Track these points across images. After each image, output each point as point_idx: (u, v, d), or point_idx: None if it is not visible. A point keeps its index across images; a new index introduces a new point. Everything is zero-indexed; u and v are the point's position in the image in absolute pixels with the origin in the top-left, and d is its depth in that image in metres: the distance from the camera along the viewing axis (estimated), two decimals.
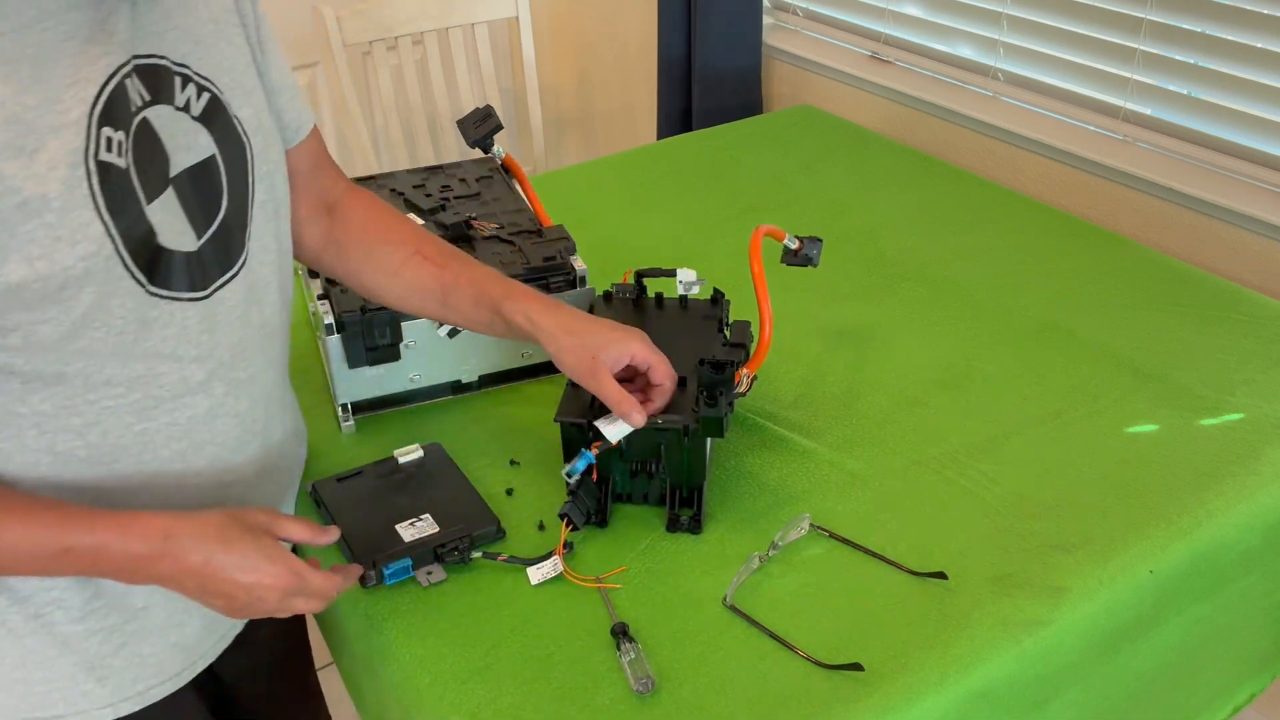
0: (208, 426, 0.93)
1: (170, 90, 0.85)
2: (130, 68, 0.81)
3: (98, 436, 0.86)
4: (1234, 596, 1.20)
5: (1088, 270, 1.58)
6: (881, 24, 2.19)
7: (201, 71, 0.88)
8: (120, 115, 0.80)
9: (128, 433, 0.88)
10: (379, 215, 1.12)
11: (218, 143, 0.89)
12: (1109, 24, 1.77)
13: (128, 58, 0.81)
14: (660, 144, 2.06)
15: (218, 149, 0.89)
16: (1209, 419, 1.28)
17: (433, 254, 1.11)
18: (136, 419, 0.88)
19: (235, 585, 0.87)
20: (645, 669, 0.97)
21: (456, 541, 1.10)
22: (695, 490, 1.15)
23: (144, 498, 0.91)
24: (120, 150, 0.81)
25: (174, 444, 0.91)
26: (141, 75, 0.82)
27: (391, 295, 1.11)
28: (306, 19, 2.69)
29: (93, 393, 0.84)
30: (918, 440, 1.26)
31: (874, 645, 1.00)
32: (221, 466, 0.96)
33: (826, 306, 1.51)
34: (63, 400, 0.84)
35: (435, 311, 1.12)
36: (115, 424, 0.87)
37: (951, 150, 2.04)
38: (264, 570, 0.88)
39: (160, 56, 0.84)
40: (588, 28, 2.91)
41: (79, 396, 0.84)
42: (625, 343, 1.07)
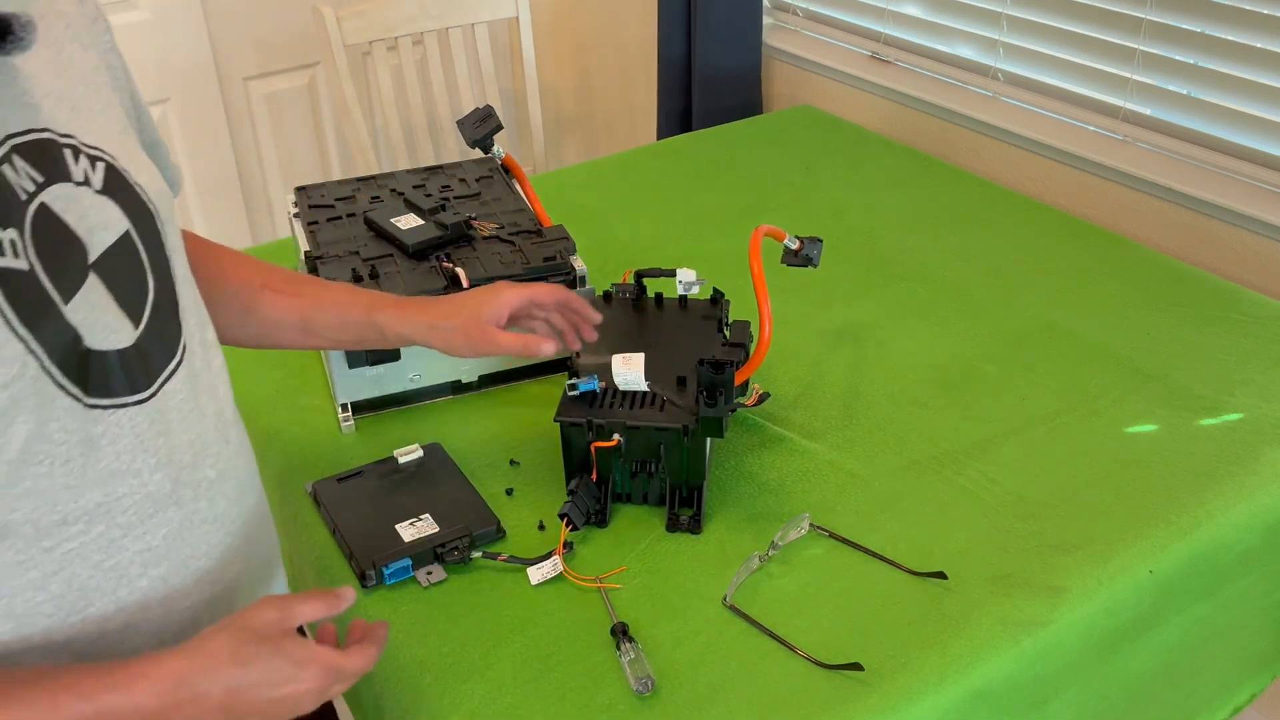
0: (186, 541, 0.82)
1: (63, 165, 0.74)
2: (7, 149, 0.70)
3: (61, 586, 0.75)
4: (1233, 596, 1.20)
5: (1088, 270, 1.58)
6: (881, 24, 2.19)
7: (88, 141, 0.77)
8: (8, 210, 0.69)
9: (97, 572, 0.77)
10: (214, 259, 1.02)
11: (128, 216, 0.78)
12: (1109, 24, 1.77)
13: (2, 137, 0.70)
14: (660, 144, 2.06)
15: (130, 223, 0.78)
16: (1208, 419, 1.28)
17: (281, 285, 1.05)
18: (105, 555, 0.77)
19: (269, 703, 0.77)
20: (645, 669, 0.97)
21: (456, 541, 1.10)
22: (695, 490, 1.15)
23: (131, 638, 0.81)
24: (16, 250, 0.69)
25: (152, 570, 0.80)
26: (24, 155, 0.71)
27: (248, 335, 1.04)
28: (306, 19, 2.69)
29: (47, 539, 0.74)
30: (918, 440, 1.26)
31: (874, 645, 1.00)
32: (210, 580, 0.86)
33: (826, 306, 1.51)
34: (12, 556, 0.72)
35: (298, 340, 1.07)
36: (81, 567, 0.76)
37: (951, 150, 2.04)
38: (295, 679, 0.78)
39: (40, 130, 0.73)
40: (588, 28, 2.91)
41: (32, 545, 0.73)
42: (497, 297, 1.08)
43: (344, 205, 1.44)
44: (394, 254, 1.33)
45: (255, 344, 1.07)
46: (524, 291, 1.09)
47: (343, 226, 1.39)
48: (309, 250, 1.34)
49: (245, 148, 2.77)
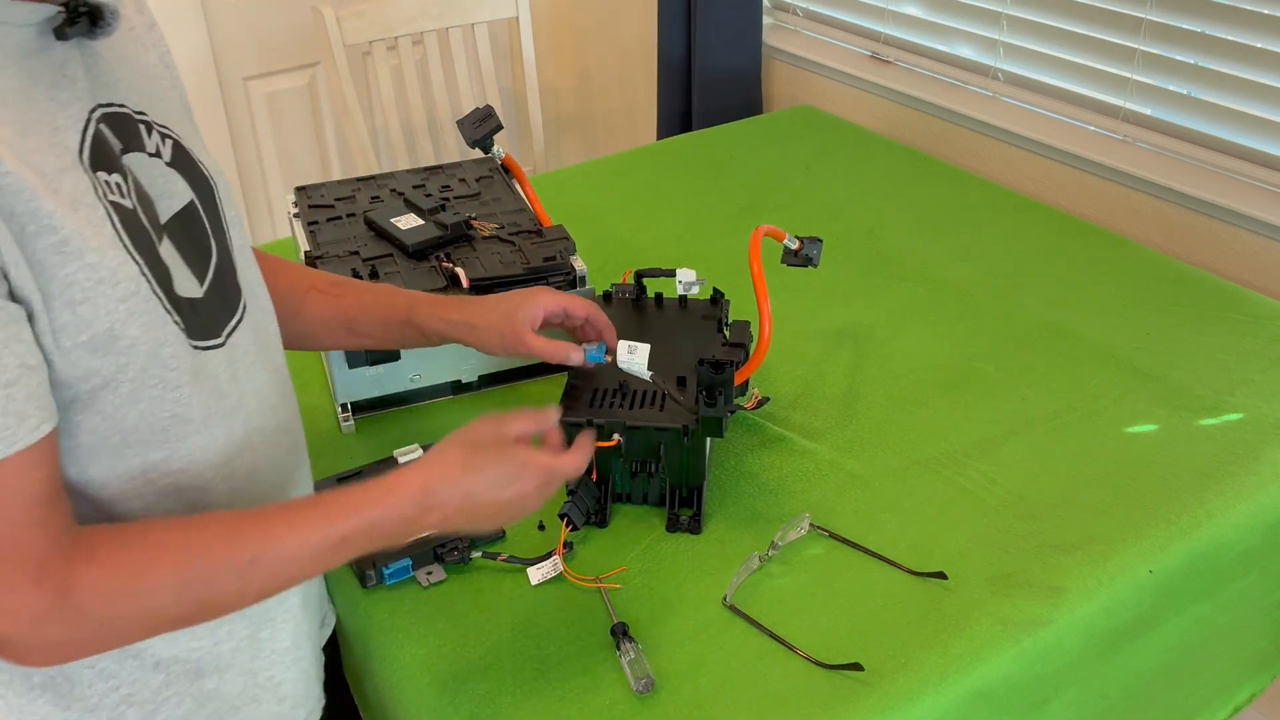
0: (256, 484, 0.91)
1: (139, 137, 0.83)
2: (99, 114, 0.79)
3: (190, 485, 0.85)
4: (1233, 596, 1.20)
5: (1088, 270, 1.58)
6: (881, 24, 2.19)
7: (157, 120, 0.86)
8: (109, 159, 0.78)
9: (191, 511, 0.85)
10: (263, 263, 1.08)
11: (192, 188, 0.87)
12: (1109, 24, 1.77)
13: (94, 105, 0.79)
14: (660, 144, 2.06)
15: (194, 195, 0.87)
16: (1208, 419, 1.28)
17: (327, 286, 1.11)
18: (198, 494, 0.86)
19: (499, 504, 0.89)
20: (645, 669, 0.97)
21: (456, 541, 1.10)
22: (695, 490, 1.15)
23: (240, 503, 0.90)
24: (123, 192, 0.79)
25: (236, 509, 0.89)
26: (110, 123, 0.80)
27: (293, 336, 1.10)
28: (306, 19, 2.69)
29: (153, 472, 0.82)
30: (918, 440, 1.26)
31: (874, 645, 1.00)
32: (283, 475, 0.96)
33: (826, 306, 1.51)
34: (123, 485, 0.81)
35: (343, 340, 1.13)
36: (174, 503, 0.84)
37: (951, 150, 2.04)
38: (520, 479, 0.90)
39: (120, 105, 0.82)
40: (588, 28, 2.91)
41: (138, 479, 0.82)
42: (533, 300, 1.11)
43: (344, 205, 1.44)
44: (394, 254, 1.33)
45: (299, 345, 1.12)
46: (560, 298, 1.12)
47: (343, 226, 1.39)
48: (309, 250, 1.34)
49: (245, 148, 2.77)
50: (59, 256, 0.72)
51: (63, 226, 0.72)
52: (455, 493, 0.87)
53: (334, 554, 0.83)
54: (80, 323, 0.74)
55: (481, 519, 0.90)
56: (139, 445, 0.80)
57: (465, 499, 0.88)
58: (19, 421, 0.70)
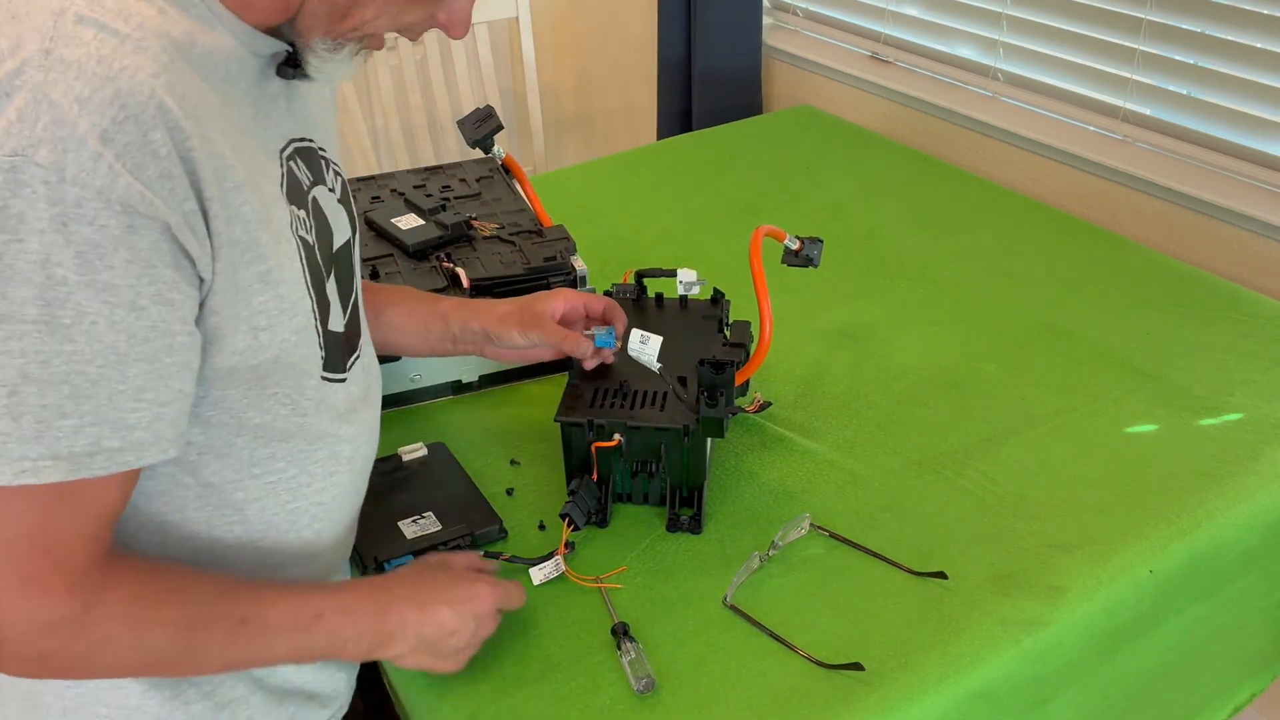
0: (341, 503, 0.95)
1: (321, 172, 0.88)
2: (293, 149, 0.83)
3: (255, 513, 0.87)
4: (1233, 596, 1.20)
5: (1088, 270, 1.58)
6: (881, 24, 2.19)
7: (332, 157, 0.91)
8: (299, 193, 0.83)
9: (281, 511, 0.89)
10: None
11: (350, 225, 0.93)
12: (1109, 24, 1.77)
13: (289, 139, 0.83)
14: (660, 144, 2.06)
15: (351, 231, 0.93)
16: (1208, 419, 1.28)
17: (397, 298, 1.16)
18: (291, 497, 0.89)
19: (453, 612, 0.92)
20: (645, 669, 0.97)
21: (458, 540, 1.10)
22: (695, 490, 1.15)
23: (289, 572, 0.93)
24: (307, 228, 0.83)
25: (316, 524, 0.93)
26: (301, 157, 0.85)
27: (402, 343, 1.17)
28: None
29: (257, 466, 0.85)
30: (918, 440, 1.26)
31: (874, 645, 1.00)
32: (339, 544, 0.99)
33: (826, 306, 1.51)
34: (230, 474, 0.84)
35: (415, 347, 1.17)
36: (272, 501, 0.87)
37: (951, 150, 2.04)
38: (471, 587, 0.94)
39: (309, 140, 0.87)
40: (588, 28, 2.91)
41: (244, 470, 0.84)
42: (553, 295, 1.15)
43: None
44: (394, 254, 1.33)
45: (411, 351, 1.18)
46: (579, 296, 1.17)
47: None
48: None
49: None
50: (260, 285, 0.76)
51: (270, 257, 0.76)
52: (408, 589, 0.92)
53: (308, 633, 0.85)
54: (257, 348, 0.78)
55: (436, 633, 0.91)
56: (249, 438, 0.83)
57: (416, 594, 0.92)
58: (155, 440, 0.73)
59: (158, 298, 0.70)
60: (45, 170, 0.64)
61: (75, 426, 0.69)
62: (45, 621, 0.74)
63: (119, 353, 0.69)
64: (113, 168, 0.65)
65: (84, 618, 0.75)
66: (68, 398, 0.68)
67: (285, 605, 0.84)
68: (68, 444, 0.69)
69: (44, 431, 0.68)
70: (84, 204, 0.65)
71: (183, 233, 0.70)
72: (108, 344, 0.69)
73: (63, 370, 0.68)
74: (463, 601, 0.93)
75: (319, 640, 0.86)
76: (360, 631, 0.88)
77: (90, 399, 0.69)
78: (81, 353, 0.68)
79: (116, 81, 0.66)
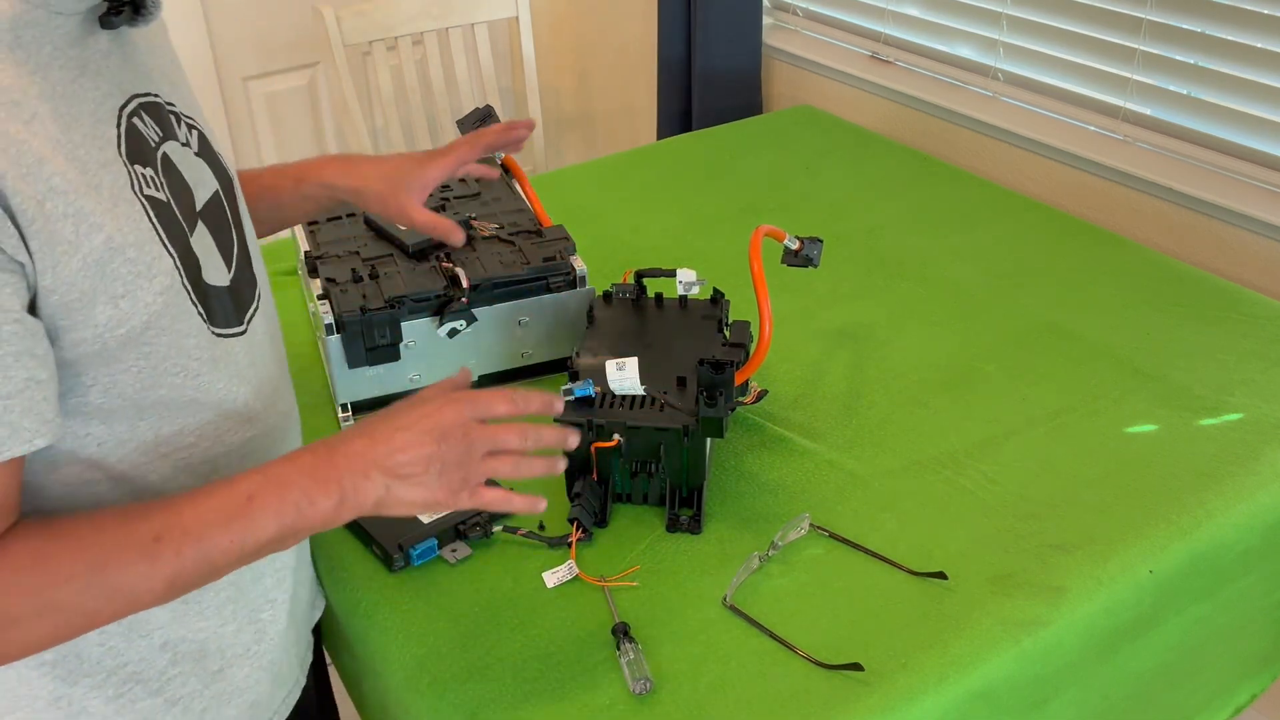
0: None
1: (171, 127, 0.84)
2: (135, 105, 0.80)
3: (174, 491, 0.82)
4: (1233, 596, 1.20)
5: (1088, 270, 1.58)
6: (881, 24, 2.19)
7: (183, 110, 0.87)
8: (144, 151, 0.79)
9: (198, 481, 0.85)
10: None
11: (216, 178, 0.89)
12: (1109, 24, 1.77)
13: (129, 96, 0.80)
14: (660, 144, 2.06)
15: (218, 184, 0.89)
16: (1208, 419, 1.28)
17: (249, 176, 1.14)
18: (211, 469, 0.86)
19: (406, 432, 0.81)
20: (644, 670, 0.97)
21: (476, 517, 1.11)
22: (695, 490, 1.15)
23: None
24: (157, 185, 0.79)
25: None
26: (147, 112, 0.81)
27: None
28: (306, 19, 2.69)
29: (165, 446, 0.82)
30: (918, 440, 1.26)
31: (874, 645, 1.00)
32: None
33: (826, 306, 1.51)
34: (138, 458, 0.81)
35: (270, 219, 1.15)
36: (188, 479, 0.84)
37: (951, 150, 2.04)
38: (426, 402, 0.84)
39: (154, 95, 0.83)
40: (588, 28, 2.91)
41: (152, 452, 0.82)
42: (422, 171, 1.15)
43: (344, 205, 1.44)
44: (394, 254, 1.33)
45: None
46: (447, 168, 1.17)
47: (343, 226, 1.39)
48: (309, 250, 1.34)
49: (245, 148, 2.77)
50: (106, 252, 0.73)
51: (106, 223, 0.73)
52: (356, 434, 0.82)
53: (246, 518, 0.77)
54: (121, 316, 0.75)
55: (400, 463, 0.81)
56: (152, 419, 0.81)
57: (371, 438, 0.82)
58: (11, 434, 0.70)
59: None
60: None
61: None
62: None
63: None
64: None
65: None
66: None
67: (206, 503, 0.77)
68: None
69: None
70: None
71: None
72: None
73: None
74: (418, 419, 0.83)
75: (263, 522, 0.77)
76: (307, 490, 0.79)
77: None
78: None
79: None
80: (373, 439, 0.82)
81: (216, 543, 0.77)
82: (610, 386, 1.10)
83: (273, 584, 0.96)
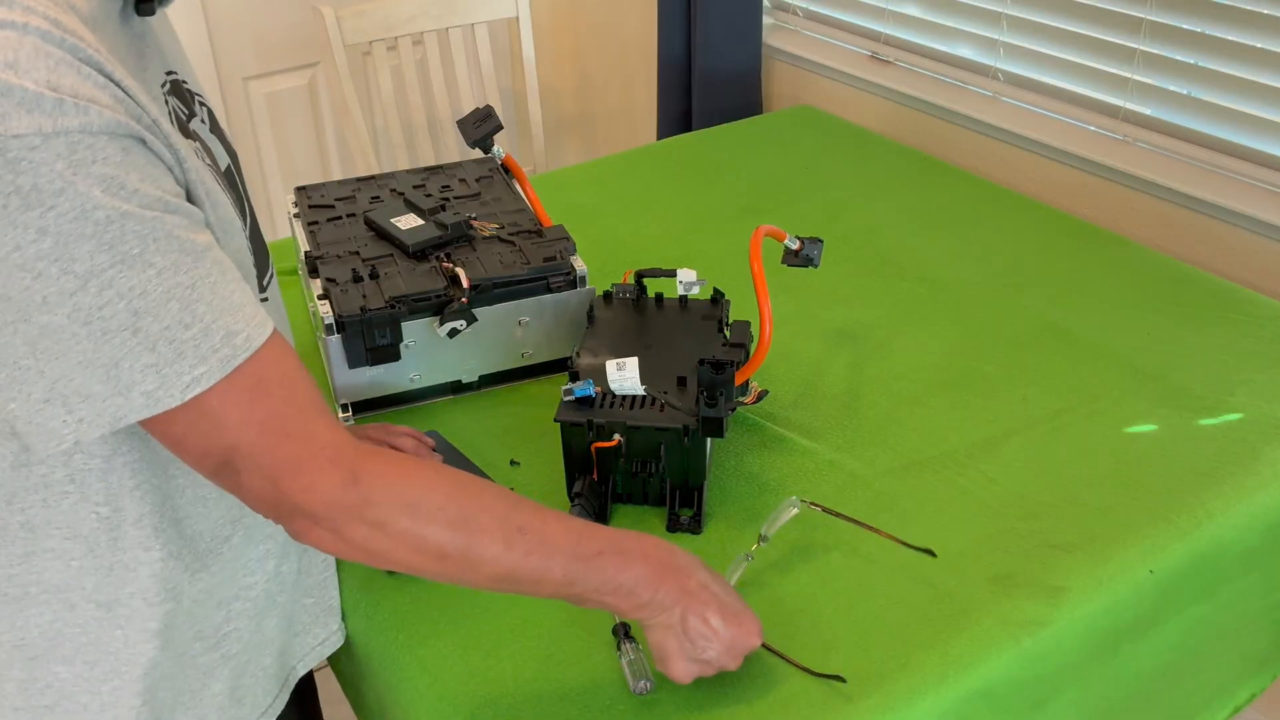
0: None
1: (192, 104, 0.88)
2: (169, 84, 0.84)
3: None
4: (1234, 597, 1.20)
5: (1088, 270, 1.58)
6: (881, 24, 2.19)
7: (194, 89, 0.91)
8: (183, 126, 0.83)
9: None
10: None
11: (227, 153, 0.92)
12: (1109, 24, 1.77)
13: (164, 73, 0.83)
14: (660, 144, 2.06)
15: (230, 158, 0.93)
16: (1208, 419, 1.28)
17: None
18: None
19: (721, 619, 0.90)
20: (645, 670, 0.97)
21: None
22: (695, 490, 1.15)
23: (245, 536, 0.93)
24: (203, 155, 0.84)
25: None
26: (175, 91, 0.85)
27: None
28: (306, 19, 2.69)
29: None
30: (918, 440, 1.26)
31: (874, 645, 1.00)
32: None
33: (826, 306, 1.51)
34: None
35: None
36: None
37: (951, 150, 2.04)
38: (746, 612, 0.92)
39: (177, 74, 0.87)
40: (588, 28, 2.91)
41: None
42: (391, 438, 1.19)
43: (344, 205, 1.44)
44: (394, 254, 1.33)
45: None
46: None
47: (343, 226, 1.39)
48: (309, 250, 1.34)
49: (245, 148, 2.77)
50: (208, 202, 0.78)
51: (200, 181, 0.77)
52: (694, 565, 0.91)
53: (587, 565, 0.85)
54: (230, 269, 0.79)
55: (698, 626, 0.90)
56: None
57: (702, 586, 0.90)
58: (256, 310, 0.76)
59: (176, 193, 0.73)
60: (26, 138, 0.65)
61: (202, 330, 0.72)
62: (328, 496, 0.77)
63: (191, 252, 0.72)
64: (78, 105, 0.66)
65: (357, 490, 0.77)
66: (180, 311, 0.71)
67: (567, 528, 0.84)
68: (208, 345, 0.72)
69: (181, 348, 0.71)
70: (77, 147, 0.66)
71: (155, 145, 0.72)
72: (178, 249, 0.71)
73: (160, 291, 0.70)
74: (734, 616, 0.91)
75: (594, 576, 0.85)
76: (635, 579, 0.87)
77: (197, 302, 0.72)
78: (166, 268, 0.70)
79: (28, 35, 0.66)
80: (694, 597, 0.90)
81: (556, 567, 0.84)
82: (610, 386, 1.10)
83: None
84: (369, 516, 0.78)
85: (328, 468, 0.77)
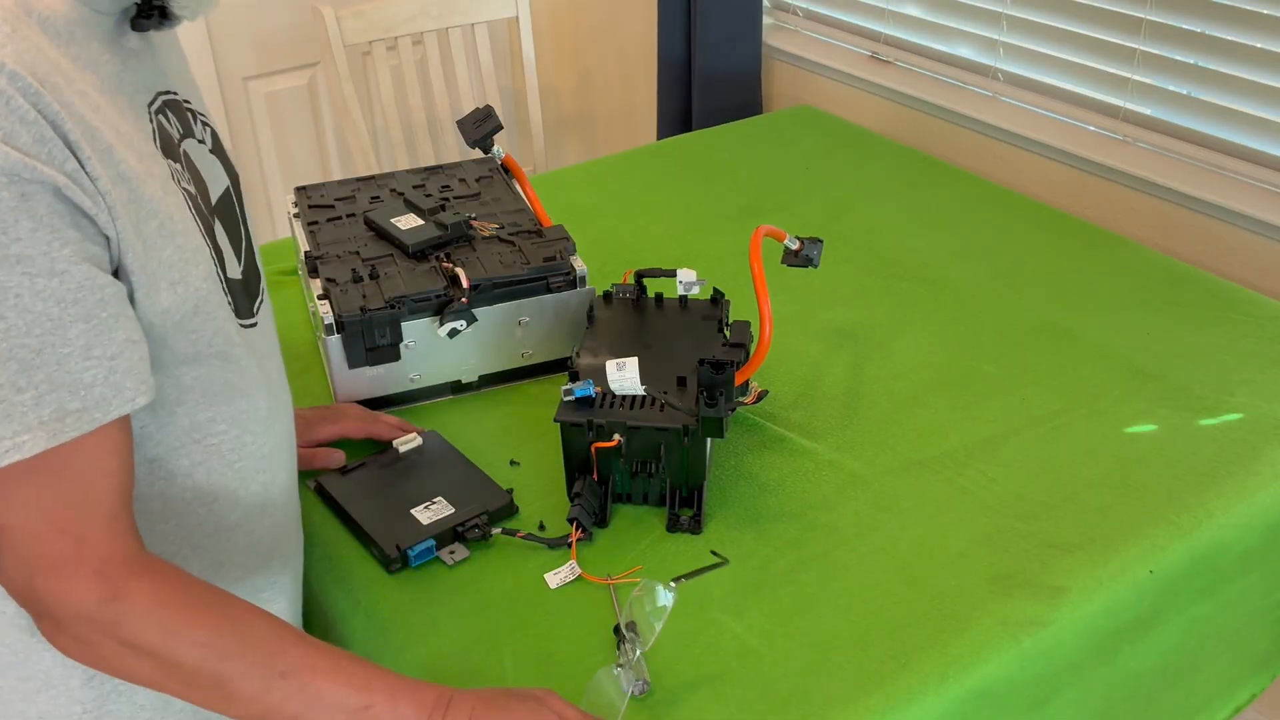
0: (281, 453, 0.96)
1: (189, 124, 0.87)
2: (160, 102, 0.83)
3: (202, 477, 0.86)
4: (1233, 597, 1.20)
5: (1088, 270, 1.58)
6: (881, 24, 2.19)
7: (198, 109, 0.91)
8: (171, 146, 0.82)
9: (228, 471, 0.88)
10: None
11: (227, 175, 0.92)
12: (1109, 24, 1.77)
13: (155, 93, 0.83)
14: (660, 144, 2.06)
15: (229, 181, 0.92)
16: (1208, 419, 1.28)
17: None
18: (236, 455, 0.89)
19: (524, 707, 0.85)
20: (642, 671, 0.97)
21: (475, 520, 1.11)
22: (695, 490, 1.15)
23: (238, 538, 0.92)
24: (184, 179, 0.83)
25: (262, 475, 0.92)
26: (170, 109, 0.84)
27: None
28: (306, 19, 2.69)
29: (198, 431, 0.85)
30: (918, 440, 1.26)
31: (874, 645, 1.00)
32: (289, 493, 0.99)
33: (826, 306, 1.51)
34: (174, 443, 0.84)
35: None
36: (218, 463, 0.87)
37: (951, 150, 2.04)
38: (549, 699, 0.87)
39: (173, 93, 0.86)
40: (588, 28, 2.91)
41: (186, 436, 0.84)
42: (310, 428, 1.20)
43: (344, 205, 1.44)
44: (394, 254, 1.33)
45: None
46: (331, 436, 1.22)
47: (343, 226, 1.39)
48: (309, 250, 1.34)
49: (245, 148, 2.77)
50: (161, 239, 0.76)
51: (161, 210, 0.76)
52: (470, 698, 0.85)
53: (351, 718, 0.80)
54: (177, 301, 0.78)
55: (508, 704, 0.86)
56: (189, 405, 0.84)
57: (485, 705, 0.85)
58: (116, 393, 0.73)
59: (73, 258, 0.70)
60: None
61: (35, 397, 0.70)
62: (79, 608, 0.74)
63: (53, 319, 0.70)
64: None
65: (113, 608, 0.74)
66: (18, 373, 0.69)
67: (337, 681, 0.79)
68: (35, 415, 0.70)
69: (9, 410, 0.69)
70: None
71: (73, 192, 0.69)
72: (39, 313, 0.69)
73: (4, 348, 0.68)
74: (536, 702, 0.86)
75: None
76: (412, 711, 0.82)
77: (39, 369, 0.70)
78: (16, 328, 0.68)
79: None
80: (487, 702, 0.85)
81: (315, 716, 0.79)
82: (610, 386, 1.10)
83: None
84: (119, 635, 0.75)
85: (89, 578, 0.73)
